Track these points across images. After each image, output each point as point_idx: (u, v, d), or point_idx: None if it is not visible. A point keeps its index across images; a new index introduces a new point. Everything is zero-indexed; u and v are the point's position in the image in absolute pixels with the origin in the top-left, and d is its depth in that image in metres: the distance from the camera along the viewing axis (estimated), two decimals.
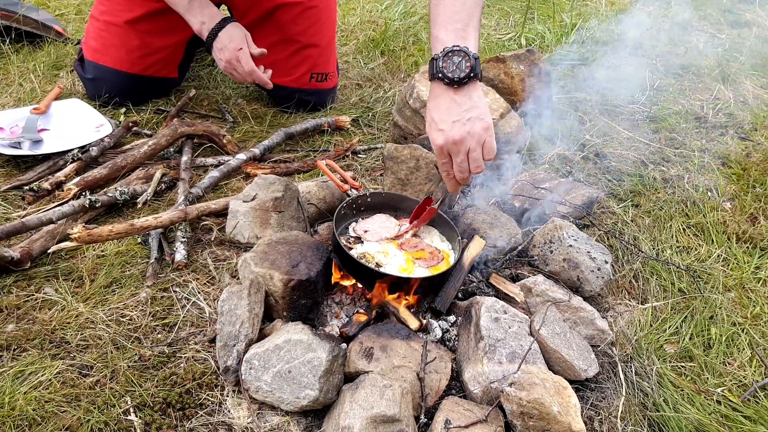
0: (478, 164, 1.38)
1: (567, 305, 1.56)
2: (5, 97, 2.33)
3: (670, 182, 2.26)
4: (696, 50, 3.46)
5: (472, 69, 1.35)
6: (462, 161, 1.38)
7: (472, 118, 1.36)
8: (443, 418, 1.25)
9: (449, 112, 1.36)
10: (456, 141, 1.35)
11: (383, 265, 1.52)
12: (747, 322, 1.71)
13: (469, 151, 1.37)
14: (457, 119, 1.35)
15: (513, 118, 2.21)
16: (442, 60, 1.36)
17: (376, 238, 1.63)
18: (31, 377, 1.30)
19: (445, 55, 1.36)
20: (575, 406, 1.26)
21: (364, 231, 1.66)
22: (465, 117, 1.35)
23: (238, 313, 1.38)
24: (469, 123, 1.35)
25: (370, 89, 2.73)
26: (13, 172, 1.93)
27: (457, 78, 1.35)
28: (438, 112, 1.37)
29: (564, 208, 1.89)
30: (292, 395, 1.27)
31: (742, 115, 2.80)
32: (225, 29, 2.02)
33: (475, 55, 1.35)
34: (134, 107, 2.35)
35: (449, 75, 1.35)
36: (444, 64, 1.35)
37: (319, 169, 1.84)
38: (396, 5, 3.61)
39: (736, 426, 1.41)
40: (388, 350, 1.36)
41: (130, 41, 2.23)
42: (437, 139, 1.37)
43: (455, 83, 1.35)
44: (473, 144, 1.36)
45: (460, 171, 1.39)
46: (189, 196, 1.84)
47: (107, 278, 1.57)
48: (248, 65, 2.02)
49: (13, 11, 2.63)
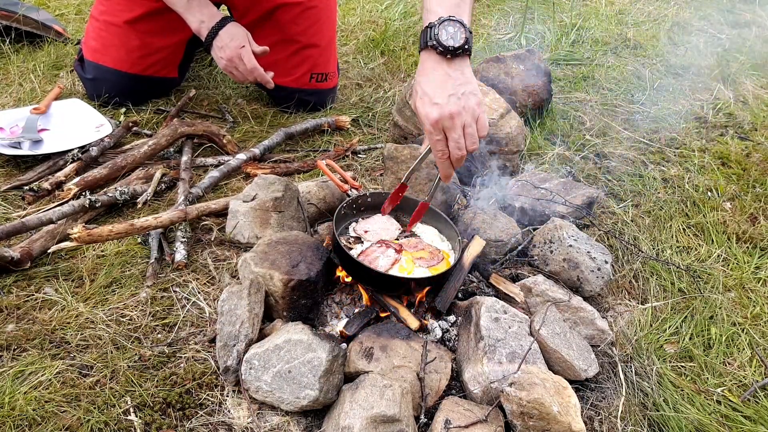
0: (474, 140, 1.34)
1: (567, 305, 1.56)
2: (5, 97, 2.33)
3: (670, 182, 2.26)
4: (696, 50, 3.46)
5: (466, 41, 1.32)
6: (459, 137, 1.32)
7: (466, 93, 1.32)
8: (443, 418, 1.25)
9: (444, 86, 1.31)
10: (453, 114, 1.30)
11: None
12: (747, 322, 1.71)
13: (464, 127, 1.32)
14: (452, 93, 1.31)
15: (513, 118, 2.21)
16: (438, 27, 1.31)
17: (376, 238, 1.63)
18: (31, 377, 1.30)
19: (440, 23, 1.32)
20: (575, 406, 1.26)
21: (365, 231, 1.66)
22: (459, 91, 1.31)
23: (238, 313, 1.38)
24: (464, 97, 1.31)
25: (370, 89, 2.73)
26: (13, 172, 1.93)
27: (451, 47, 1.31)
28: (431, 86, 1.32)
29: (564, 208, 1.89)
30: (292, 395, 1.27)
31: (742, 115, 2.80)
32: (226, 28, 2.02)
33: (469, 29, 1.33)
34: (134, 107, 2.35)
35: (444, 42, 1.30)
36: (438, 32, 1.31)
37: (319, 169, 1.84)
38: (396, 5, 3.61)
39: (736, 426, 1.41)
40: (388, 350, 1.36)
41: (129, 41, 2.22)
42: (432, 113, 1.30)
43: (449, 52, 1.31)
44: (468, 119, 1.32)
45: (458, 148, 1.33)
46: (189, 196, 1.84)
47: (107, 278, 1.57)
48: (251, 62, 2.02)
49: (13, 11, 2.63)
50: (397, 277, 1.49)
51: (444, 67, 1.32)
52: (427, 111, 1.32)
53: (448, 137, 1.34)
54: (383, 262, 1.53)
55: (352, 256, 1.50)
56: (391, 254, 1.56)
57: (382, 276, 1.47)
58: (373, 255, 1.55)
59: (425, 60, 1.35)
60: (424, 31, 1.35)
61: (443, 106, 1.30)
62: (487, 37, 3.43)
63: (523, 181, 2.01)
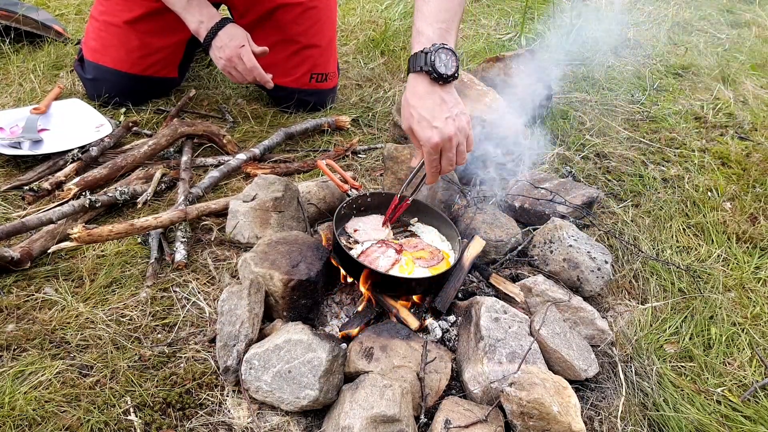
0: (464, 156, 1.45)
1: (567, 305, 1.56)
2: (5, 97, 2.33)
3: (670, 182, 2.27)
4: (696, 50, 3.46)
5: (457, 68, 1.41)
6: (453, 155, 1.43)
7: (458, 114, 1.42)
8: (443, 418, 1.25)
9: (441, 110, 1.40)
10: (450, 137, 1.40)
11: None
12: (747, 322, 1.71)
13: (458, 145, 1.42)
14: (448, 116, 1.40)
15: (513, 118, 2.21)
16: (433, 55, 1.40)
17: (364, 238, 1.63)
18: (31, 377, 1.30)
19: (436, 51, 1.40)
20: (575, 406, 1.26)
21: (354, 230, 1.66)
22: (453, 113, 1.41)
23: (238, 313, 1.38)
24: (457, 118, 1.41)
25: (370, 89, 2.73)
26: (13, 172, 1.93)
27: (445, 75, 1.40)
28: (428, 110, 1.40)
29: (564, 208, 1.89)
30: (292, 395, 1.27)
31: (742, 115, 2.80)
32: (225, 28, 2.01)
33: (458, 56, 1.42)
34: (134, 107, 2.35)
35: (439, 70, 1.39)
36: (434, 59, 1.39)
37: (319, 169, 1.84)
38: (396, 5, 3.61)
39: (736, 426, 1.41)
40: (388, 350, 1.36)
41: (129, 41, 2.22)
42: (433, 137, 1.39)
43: (442, 79, 1.40)
44: (462, 138, 1.43)
45: (450, 164, 1.44)
46: (189, 196, 1.84)
47: (107, 278, 1.57)
48: (251, 62, 2.01)
49: (13, 11, 2.63)
50: (397, 278, 1.49)
51: (438, 91, 1.42)
52: (428, 135, 1.40)
53: (442, 156, 1.42)
54: (383, 262, 1.53)
55: (352, 256, 1.50)
56: (391, 254, 1.56)
57: (382, 275, 1.47)
58: (373, 255, 1.55)
59: (418, 83, 1.43)
60: (417, 56, 1.43)
61: (442, 129, 1.39)
62: (487, 37, 3.43)
63: (523, 181, 2.01)
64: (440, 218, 1.71)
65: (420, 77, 1.42)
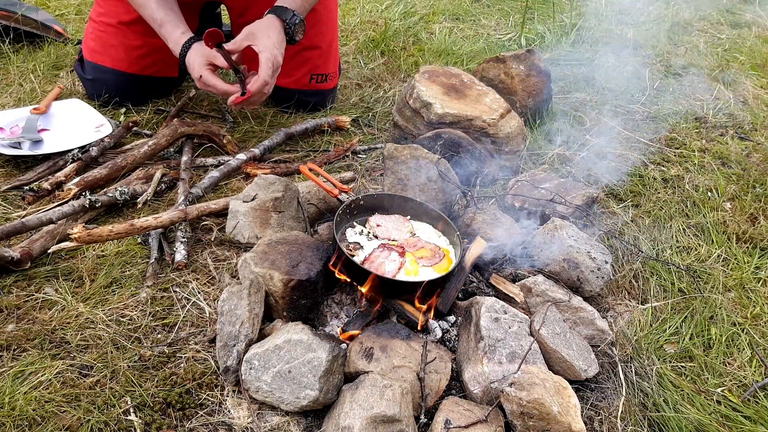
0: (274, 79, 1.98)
1: (567, 305, 1.56)
2: (5, 97, 2.33)
3: (670, 182, 2.26)
4: (696, 50, 3.46)
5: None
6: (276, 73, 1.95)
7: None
8: (443, 418, 1.25)
9: (282, 43, 1.97)
10: (281, 62, 1.95)
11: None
12: (747, 322, 1.71)
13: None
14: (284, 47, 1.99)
15: (513, 118, 2.21)
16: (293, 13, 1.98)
17: (385, 235, 1.65)
18: (31, 377, 1.30)
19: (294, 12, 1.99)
20: (575, 406, 1.26)
21: (377, 225, 1.68)
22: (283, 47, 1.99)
23: (238, 313, 1.38)
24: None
25: (370, 89, 2.73)
26: (13, 172, 1.93)
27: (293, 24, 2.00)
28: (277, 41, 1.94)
29: (564, 208, 1.89)
30: (292, 395, 1.27)
31: (742, 115, 2.80)
32: (188, 55, 1.97)
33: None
34: (134, 107, 2.35)
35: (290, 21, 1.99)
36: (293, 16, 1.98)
37: (303, 174, 1.81)
38: (396, 5, 3.61)
39: (736, 426, 1.41)
40: (388, 350, 1.36)
41: (128, 41, 2.22)
42: (279, 57, 1.92)
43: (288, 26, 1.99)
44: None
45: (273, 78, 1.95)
46: (189, 196, 1.84)
47: (107, 278, 1.57)
48: (215, 87, 1.94)
49: (13, 11, 2.63)
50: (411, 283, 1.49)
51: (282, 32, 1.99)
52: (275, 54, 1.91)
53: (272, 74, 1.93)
54: (390, 266, 1.53)
55: (359, 264, 1.49)
56: (395, 258, 1.56)
57: (386, 280, 1.47)
58: (378, 261, 1.55)
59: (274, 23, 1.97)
60: (285, 9, 1.99)
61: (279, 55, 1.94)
62: (487, 37, 3.43)
63: (523, 181, 2.01)
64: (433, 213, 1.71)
65: (279, 20, 1.98)
